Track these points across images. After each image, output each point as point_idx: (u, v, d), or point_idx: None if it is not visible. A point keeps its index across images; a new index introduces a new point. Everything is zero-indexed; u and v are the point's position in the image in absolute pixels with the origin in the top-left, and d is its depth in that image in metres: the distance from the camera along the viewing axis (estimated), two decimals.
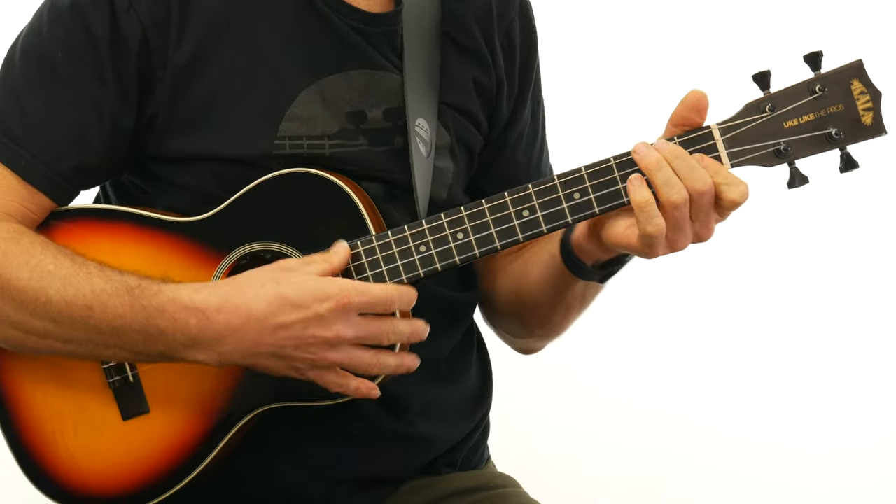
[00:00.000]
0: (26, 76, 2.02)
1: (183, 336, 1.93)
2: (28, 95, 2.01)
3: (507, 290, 2.25)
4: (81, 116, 2.01)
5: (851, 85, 1.92)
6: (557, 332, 2.26)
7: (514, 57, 2.23)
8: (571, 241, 2.05)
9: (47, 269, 1.95)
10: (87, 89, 2.00)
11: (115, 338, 1.95)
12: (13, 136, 2.01)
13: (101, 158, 2.04)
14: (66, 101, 2.01)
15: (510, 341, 2.34)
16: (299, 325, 1.92)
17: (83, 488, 2.05)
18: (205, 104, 2.03)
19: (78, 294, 1.94)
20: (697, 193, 1.90)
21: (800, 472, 3.51)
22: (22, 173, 2.01)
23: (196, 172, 2.05)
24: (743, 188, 1.91)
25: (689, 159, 1.91)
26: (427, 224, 1.99)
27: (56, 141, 2.01)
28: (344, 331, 1.92)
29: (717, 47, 3.38)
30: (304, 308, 1.91)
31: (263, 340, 1.92)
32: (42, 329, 1.96)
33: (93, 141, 2.02)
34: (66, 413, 2.04)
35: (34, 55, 2.02)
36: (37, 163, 2.01)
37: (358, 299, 1.93)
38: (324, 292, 1.92)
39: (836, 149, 1.93)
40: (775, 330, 3.52)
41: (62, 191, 2.04)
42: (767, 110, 1.93)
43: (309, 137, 2.05)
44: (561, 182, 1.96)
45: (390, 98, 2.10)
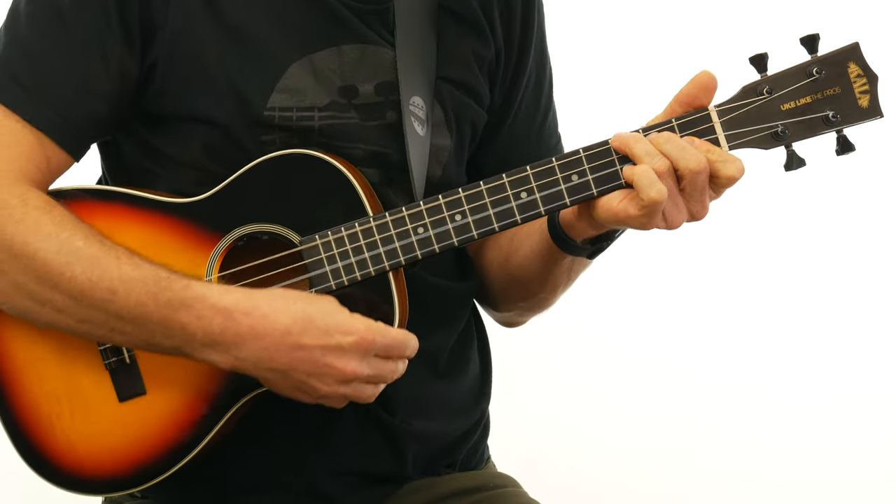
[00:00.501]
0: (33, 24, 2.01)
1: (203, 334, 1.92)
2: (35, 43, 2.00)
3: (494, 264, 2.25)
4: (90, 63, 2.00)
5: (848, 68, 1.93)
6: (543, 307, 2.27)
7: (514, 25, 2.21)
8: (559, 218, 2.06)
9: (76, 246, 1.94)
10: (94, 36, 2.00)
11: (134, 326, 1.94)
12: (22, 84, 2.00)
13: (110, 107, 2.03)
14: (75, 47, 2.00)
15: (492, 314, 2.35)
16: (318, 351, 1.92)
17: (80, 470, 2.04)
18: (199, 66, 2.02)
19: (104, 276, 1.93)
20: (692, 173, 1.91)
21: (799, 471, 3.50)
22: (34, 121, 1.99)
23: (188, 143, 2.04)
24: (739, 164, 1.92)
25: (678, 140, 1.92)
26: (425, 205, 1.99)
27: (66, 88, 2.00)
28: (360, 369, 1.94)
29: (715, 30, 3.38)
30: (328, 335, 1.92)
31: (280, 356, 1.92)
32: (61, 304, 1.94)
33: (103, 88, 2.01)
34: (62, 395, 2.03)
35: (41, 3, 2.01)
36: (48, 111, 2.00)
37: (381, 341, 1.94)
38: (350, 326, 1.93)
39: (832, 131, 1.94)
40: (775, 327, 3.52)
41: (74, 140, 2.02)
42: (765, 93, 1.94)
43: (299, 109, 2.05)
44: (559, 164, 1.97)
45: (382, 72, 2.09)
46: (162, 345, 1.95)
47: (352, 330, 1.93)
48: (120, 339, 1.97)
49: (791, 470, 3.51)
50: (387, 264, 2.00)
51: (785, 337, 3.52)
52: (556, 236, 2.08)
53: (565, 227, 2.06)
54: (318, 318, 1.92)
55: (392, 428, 2.14)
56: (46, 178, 2.02)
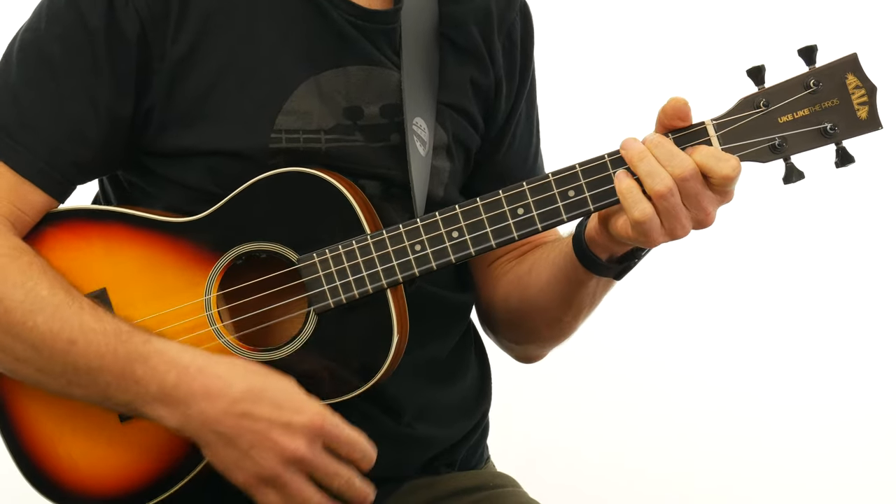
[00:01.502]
0: (23, 72, 2.02)
1: (156, 387, 1.92)
2: (24, 91, 2.02)
3: (510, 295, 2.23)
4: (78, 111, 2.01)
5: (846, 79, 1.91)
6: (566, 334, 2.24)
7: (515, 57, 2.23)
8: (585, 235, 2.04)
9: (41, 295, 1.95)
10: (83, 83, 2.01)
11: (89, 378, 1.94)
12: (9, 132, 2.01)
13: (98, 153, 2.04)
14: (63, 95, 2.01)
15: (512, 349, 2.33)
16: (265, 423, 1.91)
17: (82, 489, 2.05)
18: (201, 97, 2.03)
19: (65, 327, 1.94)
20: (680, 179, 1.89)
21: (799, 471, 3.50)
22: (18, 168, 2.01)
23: (192, 168, 2.05)
24: (733, 162, 1.89)
25: (668, 146, 1.90)
26: (422, 222, 1.99)
27: (52, 135, 2.01)
28: (304, 450, 1.91)
29: (712, 42, 3.36)
30: (279, 409, 1.92)
31: (226, 420, 1.92)
32: (22, 353, 1.96)
33: (90, 135, 2.02)
34: (64, 415, 2.04)
35: (31, 50, 2.03)
36: (33, 158, 2.01)
37: (330, 428, 1.93)
38: (302, 405, 1.93)
39: (831, 144, 1.92)
40: (773, 326, 3.51)
41: (59, 186, 2.03)
42: (762, 105, 1.92)
43: (305, 132, 2.05)
44: (555, 179, 1.96)
45: (387, 94, 2.09)
46: (116, 399, 1.95)
47: (304, 410, 1.92)
48: (76, 392, 1.97)
49: (791, 469, 3.50)
50: (384, 282, 1.99)
51: (783, 336, 3.51)
52: (581, 255, 2.06)
53: (591, 245, 2.04)
54: (272, 392, 1.92)
55: (395, 432, 2.14)
56: (29, 218, 2.03)
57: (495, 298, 2.26)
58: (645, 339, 3.51)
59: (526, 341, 2.29)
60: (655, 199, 1.89)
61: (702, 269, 3.45)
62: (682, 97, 1.92)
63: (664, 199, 1.89)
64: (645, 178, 1.89)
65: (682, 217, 1.90)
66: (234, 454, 1.93)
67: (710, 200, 1.91)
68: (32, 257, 1.98)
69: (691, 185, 1.89)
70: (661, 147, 1.90)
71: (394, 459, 2.16)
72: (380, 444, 2.12)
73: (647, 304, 3.43)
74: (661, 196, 1.89)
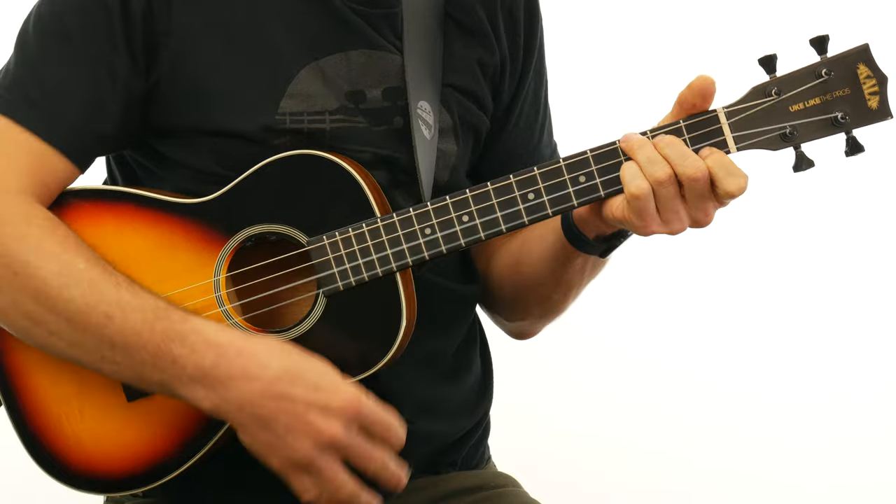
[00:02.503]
0: (41, 43, 2.02)
1: (194, 368, 1.91)
2: (44, 61, 2.02)
3: (505, 270, 2.24)
4: (97, 81, 2.01)
5: (857, 69, 1.92)
6: (556, 312, 2.25)
7: (518, 34, 2.22)
8: (573, 214, 2.05)
9: (77, 268, 1.94)
10: (101, 54, 2.01)
11: (124, 354, 1.93)
12: (32, 101, 2.01)
13: (116, 125, 2.04)
14: (82, 65, 2.01)
15: (504, 325, 2.34)
16: (302, 405, 1.90)
17: (90, 470, 2.05)
18: (205, 76, 2.03)
19: (102, 301, 1.93)
20: (689, 179, 1.90)
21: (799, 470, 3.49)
22: (44, 135, 2.00)
23: (197, 150, 2.05)
24: (741, 182, 1.90)
25: (679, 146, 1.91)
26: (432, 206, 1.99)
27: (74, 104, 2.01)
28: (341, 434, 1.90)
29: (723, 31, 3.37)
30: (315, 391, 1.90)
31: (263, 402, 1.90)
32: (55, 326, 1.94)
33: (109, 106, 2.02)
34: (71, 396, 2.04)
35: (50, 23, 2.03)
36: (59, 125, 2.01)
37: (367, 410, 1.92)
38: (340, 388, 1.91)
39: (841, 133, 1.93)
40: (774, 326, 3.51)
41: (82, 154, 2.03)
42: (773, 94, 1.93)
43: (309, 113, 2.05)
44: (566, 165, 1.96)
45: (389, 78, 2.10)
46: (150, 378, 1.94)
47: (341, 391, 1.91)
48: (109, 368, 1.95)
49: (791, 468, 3.50)
50: (394, 265, 2.00)
51: (784, 334, 3.51)
52: (569, 233, 2.07)
53: (578, 222, 2.05)
54: (309, 373, 1.91)
55: None
56: (52, 190, 2.03)
57: (490, 273, 2.27)
58: (646, 338, 3.50)
59: (518, 318, 2.30)
60: (655, 187, 1.90)
61: (702, 269, 3.44)
62: (711, 76, 1.92)
63: (663, 186, 1.90)
64: (645, 165, 1.90)
65: (679, 210, 1.91)
66: (271, 437, 1.91)
67: (711, 204, 1.92)
68: (68, 230, 1.98)
69: (699, 186, 1.90)
70: (673, 146, 1.91)
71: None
72: None
73: (647, 304, 3.43)
74: (660, 183, 1.90)
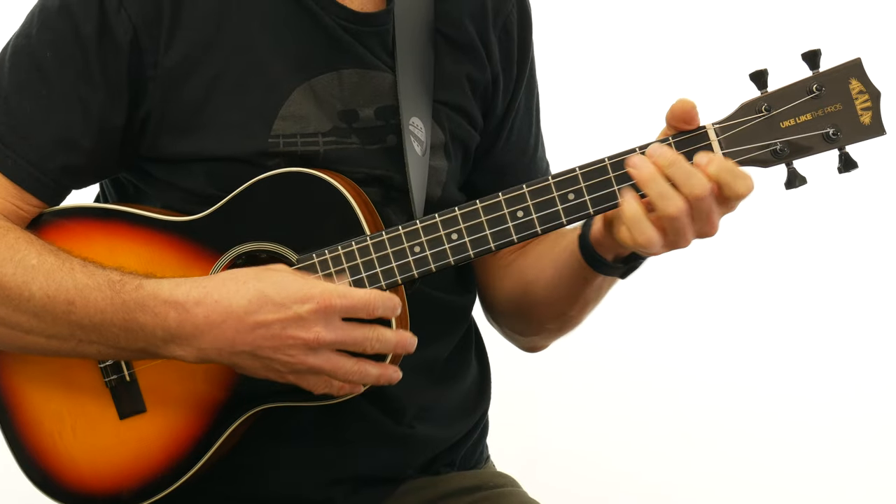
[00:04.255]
0: (14, 77, 2.03)
1: (162, 331, 1.92)
2: (15, 96, 2.02)
3: (514, 288, 2.22)
4: (68, 117, 2.01)
5: (850, 84, 1.89)
6: (571, 327, 2.23)
7: (512, 51, 2.21)
8: (590, 236, 2.02)
9: (31, 264, 1.95)
10: (74, 89, 2.01)
11: (97, 333, 1.94)
12: (0, 137, 2.02)
13: (89, 159, 2.04)
14: (54, 101, 2.01)
15: (515, 339, 2.32)
16: (278, 325, 1.90)
17: (82, 487, 2.06)
18: (197, 105, 2.02)
19: (60, 289, 1.94)
20: (696, 199, 1.86)
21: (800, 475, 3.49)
22: (9, 173, 2.02)
23: (191, 173, 2.05)
24: (749, 182, 1.87)
25: (684, 165, 1.86)
26: (421, 224, 1.98)
27: (42, 141, 2.01)
28: (324, 334, 1.90)
29: (714, 45, 3.35)
30: (285, 307, 1.90)
31: (242, 338, 1.91)
32: (26, 324, 1.96)
33: (81, 141, 2.02)
34: (64, 413, 2.05)
35: (23, 56, 2.03)
36: (23, 163, 2.01)
37: (340, 302, 1.91)
38: (305, 293, 1.90)
39: (834, 149, 1.90)
40: (775, 330, 3.50)
41: (50, 190, 2.04)
42: (764, 110, 1.90)
43: (303, 135, 2.05)
44: (555, 182, 1.95)
45: (382, 97, 2.09)
46: (130, 348, 1.95)
47: (308, 297, 1.90)
48: (91, 349, 1.97)
49: (791, 471, 3.49)
50: (383, 283, 1.99)
51: (784, 338, 3.50)
52: (587, 255, 2.04)
53: (595, 244, 2.02)
54: (271, 293, 1.90)
55: (395, 433, 2.15)
56: (24, 213, 2.04)
57: (500, 290, 2.25)
58: (645, 339, 3.50)
59: (531, 333, 2.28)
60: (665, 221, 1.87)
61: (702, 271, 3.43)
62: (690, 99, 1.90)
63: (675, 220, 1.86)
64: (656, 200, 1.86)
65: (687, 233, 1.88)
66: (262, 363, 1.92)
67: (717, 214, 1.89)
68: (19, 233, 1.99)
69: (706, 203, 1.86)
70: (677, 166, 1.86)
71: (394, 460, 2.17)
72: (380, 445, 2.14)
73: (647, 306, 3.42)
74: (672, 219, 1.86)
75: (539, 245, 2.19)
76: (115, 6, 2.00)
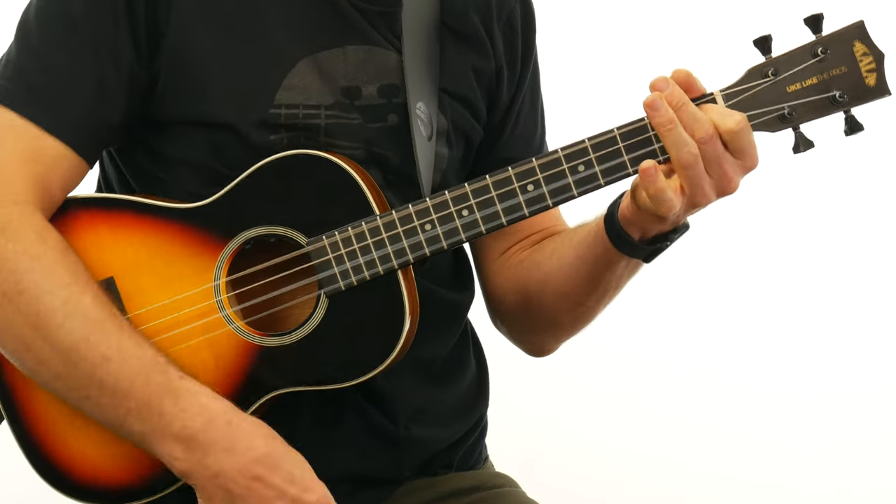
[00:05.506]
0: (45, 32, 2.00)
1: (180, 426, 1.90)
2: (48, 50, 1.99)
3: (529, 281, 2.20)
4: (103, 69, 1.99)
5: (853, 46, 1.91)
6: (587, 320, 2.21)
7: (516, 44, 2.22)
8: (619, 215, 2.01)
9: (84, 302, 1.92)
10: (106, 43, 1.99)
11: (111, 398, 1.92)
12: (36, 91, 1.99)
13: (123, 112, 2.02)
14: (87, 54, 1.99)
15: (524, 341, 2.30)
16: (275, 493, 1.91)
17: (91, 480, 2.04)
18: (203, 66, 2.01)
19: (102, 340, 1.92)
20: (700, 142, 1.88)
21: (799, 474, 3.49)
22: (49, 127, 1.98)
23: (194, 143, 2.03)
24: (737, 116, 1.88)
25: (691, 108, 1.88)
26: (431, 202, 1.98)
27: (81, 95, 1.99)
28: None
29: (717, 12, 3.35)
30: (291, 483, 1.92)
31: (238, 478, 1.91)
32: (46, 356, 1.93)
33: (115, 95, 2.00)
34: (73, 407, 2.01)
35: (53, 10, 2.00)
36: (63, 116, 1.98)
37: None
38: (313, 485, 1.93)
39: (840, 111, 1.92)
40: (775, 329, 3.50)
41: (90, 146, 2.01)
42: (770, 75, 1.92)
43: (305, 106, 2.04)
44: (565, 155, 1.95)
45: (386, 75, 2.09)
46: (130, 427, 1.93)
47: (314, 490, 1.93)
48: (90, 408, 1.94)
49: (790, 471, 3.49)
50: (395, 263, 1.98)
51: (784, 338, 3.50)
52: (614, 235, 2.02)
53: (623, 222, 2.01)
54: (289, 463, 1.92)
55: (392, 435, 2.14)
56: (62, 193, 2.01)
57: (508, 288, 2.24)
58: (644, 338, 3.50)
59: (543, 329, 2.26)
60: (679, 169, 1.88)
61: (702, 270, 3.44)
62: (684, 68, 1.91)
63: (689, 168, 1.87)
64: (672, 147, 1.88)
65: (704, 185, 1.89)
66: None
67: (731, 165, 1.89)
68: (77, 257, 1.96)
69: (712, 147, 1.88)
70: (685, 110, 1.88)
71: (392, 461, 2.15)
72: (378, 446, 2.13)
73: (646, 304, 3.42)
74: (685, 166, 1.87)
75: (555, 238, 2.19)
76: None
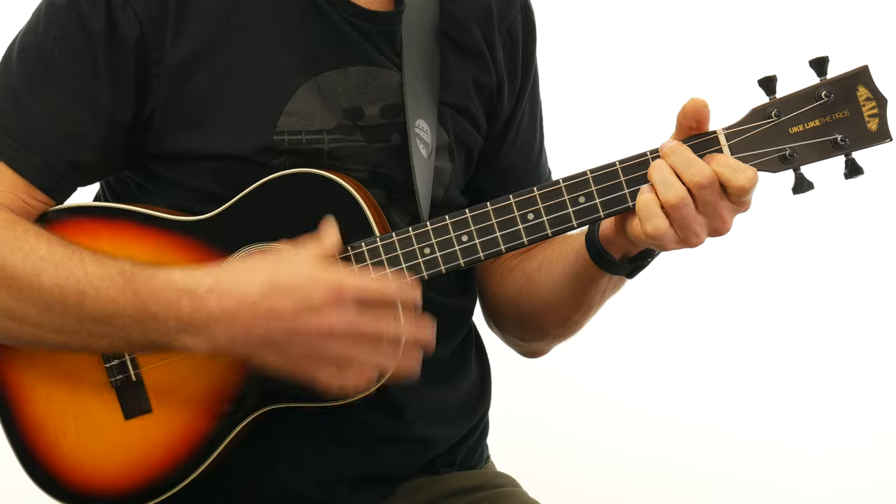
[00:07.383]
0: (23, 73, 2.02)
1: (175, 320, 1.90)
2: (24, 92, 2.01)
3: (521, 292, 2.23)
4: (77, 112, 2.00)
5: (857, 91, 1.92)
6: (574, 331, 2.23)
7: (517, 55, 2.23)
8: (599, 234, 2.03)
9: (40, 255, 1.93)
10: (82, 85, 2.00)
11: (108, 325, 1.92)
12: (9, 132, 2.00)
13: (98, 155, 2.03)
14: (62, 97, 2.00)
15: (517, 345, 2.33)
16: (289, 314, 1.87)
17: (86, 487, 2.05)
18: (203, 102, 2.02)
19: (71, 279, 1.92)
20: (697, 187, 1.89)
21: (801, 471, 3.51)
22: (18, 168, 2.00)
23: (196, 171, 2.04)
24: (749, 174, 1.88)
25: (686, 153, 1.90)
26: (431, 226, 1.99)
27: (51, 137, 2.01)
28: (335, 321, 1.87)
29: (723, 51, 3.37)
30: (296, 294, 1.87)
31: (254, 326, 1.88)
32: (36, 318, 1.93)
33: (89, 137, 2.01)
34: (68, 412, 2.03)
35: (31, 52, 2.02)
36: (32, 158, 2.00)
37: (351, 289, 1.88)
38: (316, 279, 1.88)
39: (841, 155, 1.93)
40: (776, 330, 3.51)
41: (58, 187, 2.03)
42: (773, 116, 1.92)
43: (308, 132, 2.05)
44: (566, 186, 1.96)
45: (388, 95, 2.09)
46: (140, 341, 1.93)
47: (319, 283, 1.87)
48: (100, 343, 1.95)
49: (791, 470, 3.51)
50: None
51: (785, 338, 3.52)
52: (595, 254, 2.05)
53: (604, 243, 2.03)
54: (282, 281, 1.88)
55: (396, 434, 2.15)
56: (30, 208, 2.03)
57: (503, 295, 2.26)
58: (645, 338, 3.51)
59: (533, 338, 2.28)
60: (668, 209, 1.89)
61: (704, 271, 3.45)
62: (703, 98, 1.92)
63: (677, 209, 1.88)
64: (658, 186, 1.89)
65: (695, 226, 1.90)
66: (275, 354, 1.89)
67: (727, 209, 1.90)
68: (27, 225, 1.97)
69: (708, 193, 1.89)
70: (679, 154, 1.90)
71: (394, 460, 2.17)
72: (380, 446, 2.14)
73: (647, 305, 3.43)
74: (673, 207, 1.89)
75: (545, 248, 2.20)
76: (121, 3, 2.00)
